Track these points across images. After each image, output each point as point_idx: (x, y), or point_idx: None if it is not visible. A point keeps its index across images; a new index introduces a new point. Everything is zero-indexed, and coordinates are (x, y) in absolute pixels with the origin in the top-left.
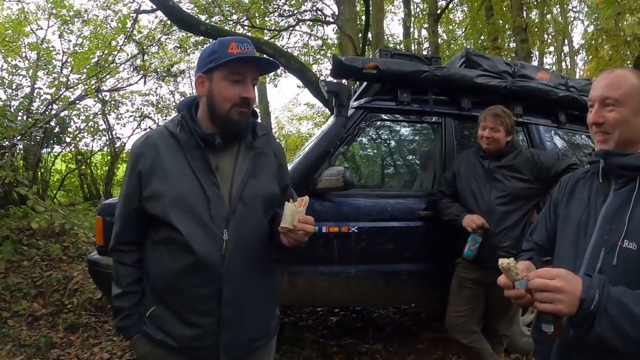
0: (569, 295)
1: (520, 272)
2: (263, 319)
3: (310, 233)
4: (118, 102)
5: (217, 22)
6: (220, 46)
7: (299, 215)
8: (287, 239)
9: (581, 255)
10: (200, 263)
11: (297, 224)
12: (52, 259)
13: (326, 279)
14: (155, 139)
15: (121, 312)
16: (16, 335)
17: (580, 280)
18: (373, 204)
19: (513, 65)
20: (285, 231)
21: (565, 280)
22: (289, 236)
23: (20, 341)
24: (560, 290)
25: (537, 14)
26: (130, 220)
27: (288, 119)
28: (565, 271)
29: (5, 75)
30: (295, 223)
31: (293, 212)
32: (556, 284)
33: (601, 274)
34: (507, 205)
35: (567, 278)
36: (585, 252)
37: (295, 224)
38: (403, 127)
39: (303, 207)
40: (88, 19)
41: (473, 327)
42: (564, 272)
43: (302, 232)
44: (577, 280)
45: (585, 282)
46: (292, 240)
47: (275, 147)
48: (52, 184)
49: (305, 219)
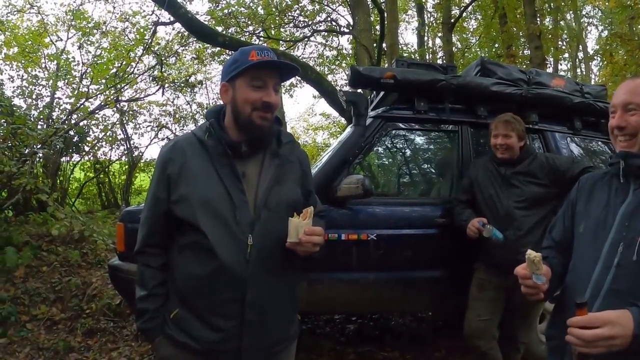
0: (622, 337)
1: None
2: (284, 323)
3: (319, 244)
4: (136, 112)
5: (233, 34)
6: (242, 55)
7: (303, 228)
8: (297, 251)
9: (599, 249)
10: (225, 267)
11: (302, 237)
12: (71, 265)
13: (345, 285)
14: (183, 144)
15: (145, 314)
16: (34, 339)
17: (629, 315)
18: (391, 211)
19: (528, 73)
20: (291, 246)
21: (616, 324)
22: (298, 249)
23: (38, 345)
24: (613, 337)
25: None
26: (157, 223)
27: (304, 129)
28: (611, 315)
29: (26, 85)
30: (300, 236)
31: (297, 225)
32: (609, 332)
33: (619, 268)
34: (525, 210)
35: (617, 322)
36: (603, 248)
37: (300, 237)
38: (420, 136)
39: (308, 219)
40: (107, 31)
41: (494, 333)
42: (612, 316)
43: (310, 244)
44: (626, 319)
45: (635, 317)
46: (302, 252)
47: (299, 154)
48: (70, 191)
49: (311, 230)
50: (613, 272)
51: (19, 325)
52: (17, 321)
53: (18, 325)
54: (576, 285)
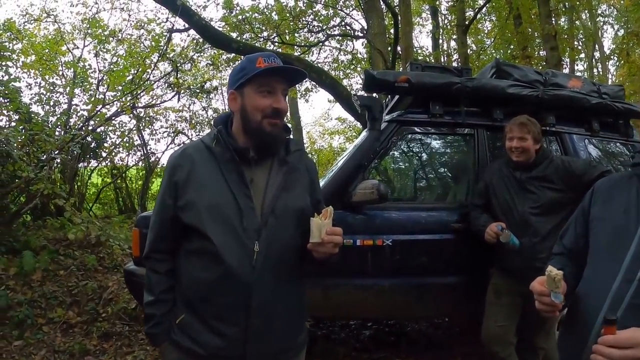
0: None
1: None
2: (291, 331)
3: (340, 244)
4: (152, 118)
5: (248, 40)
6: (249, 62)
7: (325, 227)
8: (317, 253)
9: (619, 261)
10: (231, 273)
11: (324, 236)
12: (88, 269)
13: (360, 291)
14: (192, 151)
15: (152, 319)
16: (51, 342)
17: None
18: (407, 216)
19: (544, 74)
20: (314, 247)
21: None
22: (319, 250)
23: (54, 347)
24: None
25: (566, 20)
26: (164, 229)
27: (320, 134)
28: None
29: (44, 92)
30: (323, 236)
31: (319, 225)
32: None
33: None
34: (541, 216)
35: None
36: (625, 259)
37: (323, 237)
38: (435, 140)
39: (329, 219)
40: (123, 38)
41: (512, 339)
42: None
43: (331, 244)
44: None
45: None
46: (322, 253)
47: (307, 163)
48: (88, 196)
49: (332, 230)
50: (635, 286)
51: (35, 328)
52: (34, 324)
53: (34, 328)
54: (591, 297)
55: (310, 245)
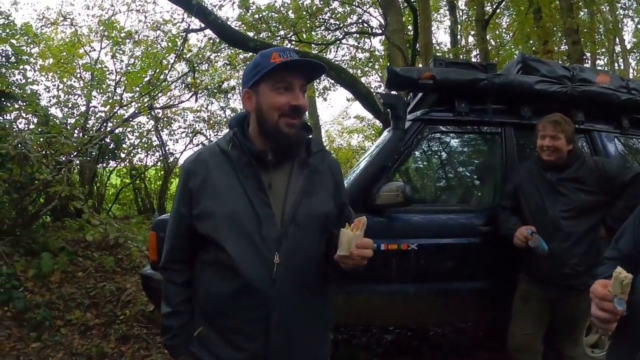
0: None
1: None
2: (314, 344)
3: (368, 257)
4: (171, 118)
5: (265, 38)
6: (263, 58)
7: (356, 240)
8: (344, 264)
9: None
10: (249, 286)
11: (354, 250)
12: (106, 271)
13: (384, 298)
14: (206, 156)
15: (170, 332)
16: (68, 344)
17: None
18: (433, 220)
19: (572, 70)
20: (341, 259)
21: None
22: (346, 263)
23: (72, 350)
24: None
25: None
26: (180, 239)
27: (338, 132)
28: None
29: (62, 94)
30: (352, 249)
31: (350, 238)
32: None
33: None
34: (572, 220)
35: None
36: None
37: (352, 250)
38: (462, 139)
39: (361, 231)
40: (139, 40)
41: (538, 347)
42: None
43: (360, 257)
44: None
45: None
46: (349, 265)
47: (330, 164)
48: (107, 197)
49: (363, 243)
50: None
51: (53, 330)
52: (52, 326)
53: (52, 330)
54: None
55: (337, 257)
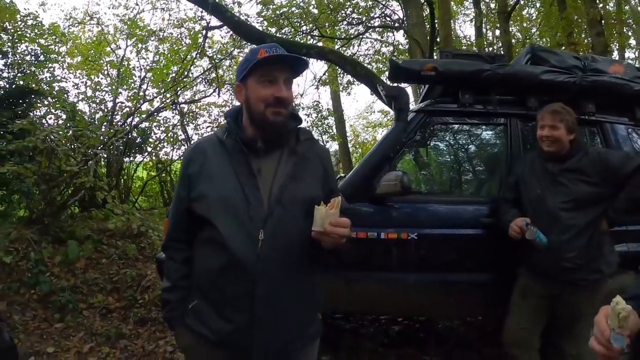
0: None
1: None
2: (299, 322)
3: (345, 235)
4: (196, 113)
5: (288, 34)
6: (252, 54)
7: (330, 218)
8: (323, 242)
9: None
10: (236, 261)
11: (327, 227)
12: (129, 258)
13: (383, 286)
14: (205, 145)
15: (168, 304)
16: (89, 325)
17: None
18: (434, 210)
19: (583, 60)
20: (317, 235)
21: None
22: (324, 240)
23: (92, 330)
24: None
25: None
26: (180, 220)
27: (363, 127)
28: None
29: (89, 91)
30: (325, 226)
31: (322, 215)
32: None
33: None
34: (572, 212)
35: None
36: None
37: (325, 227)
38: (465, 130)
39: (335, 209)
40: (164, 37)
41: (534, 343)
42: None
43: (336, 236)
44: None
45: None
46: (328, 242)
47: (319, 152)
48: (134, 189)
49: (337, 221)
50: None
51: (76, 312)
52: (75, 308)
53: (75, 312)
54: None
55: (313, 233)
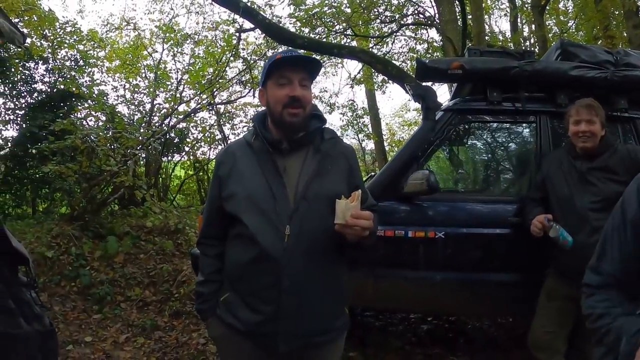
0: None
1: None
2: (325, 314)
3: (367, 228)
4: (232, 113)
5: (321, 34)
6: (269, 60)
7: (350, 210)
8: (346, 235)
9: None
10: (264, 255)
11: (349, 219)
12: (166, 254)
13: (410, 284)
14: (234, 148)
15: (201, 297)
16: (126, 317)
17: None
18: (461, 209)
19: (615, 54)
20: (339, 228)
21: None
22: (346, 232)
23: (129, 322)
24: None
25: None
26: (213, 218)
27: (399, 125)
28: None
29: (128, 93)
30: (347, 219)
31: (343, 208)
32: None
33: None
34: (601, 212)
35: None
36: None
37: (347, 220)
38: (494, 128)
39: (356, 202)
40: (199, 40)
41: (560, 347)
42: None
43: (359, 228)
44: None
45: None
46: (351, 235)
47: (343, 150)
48: (172, 188)
49: (358, 214)
50: None
51: (114, 304)
52: (113, 300)
53: (113, 304)
54: None
55: (336, 226)
